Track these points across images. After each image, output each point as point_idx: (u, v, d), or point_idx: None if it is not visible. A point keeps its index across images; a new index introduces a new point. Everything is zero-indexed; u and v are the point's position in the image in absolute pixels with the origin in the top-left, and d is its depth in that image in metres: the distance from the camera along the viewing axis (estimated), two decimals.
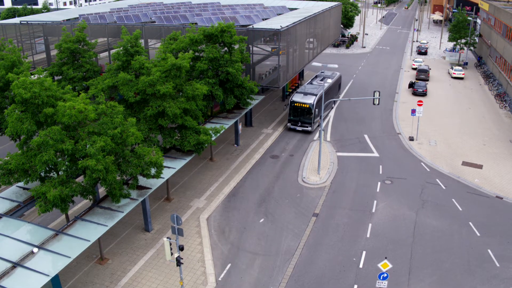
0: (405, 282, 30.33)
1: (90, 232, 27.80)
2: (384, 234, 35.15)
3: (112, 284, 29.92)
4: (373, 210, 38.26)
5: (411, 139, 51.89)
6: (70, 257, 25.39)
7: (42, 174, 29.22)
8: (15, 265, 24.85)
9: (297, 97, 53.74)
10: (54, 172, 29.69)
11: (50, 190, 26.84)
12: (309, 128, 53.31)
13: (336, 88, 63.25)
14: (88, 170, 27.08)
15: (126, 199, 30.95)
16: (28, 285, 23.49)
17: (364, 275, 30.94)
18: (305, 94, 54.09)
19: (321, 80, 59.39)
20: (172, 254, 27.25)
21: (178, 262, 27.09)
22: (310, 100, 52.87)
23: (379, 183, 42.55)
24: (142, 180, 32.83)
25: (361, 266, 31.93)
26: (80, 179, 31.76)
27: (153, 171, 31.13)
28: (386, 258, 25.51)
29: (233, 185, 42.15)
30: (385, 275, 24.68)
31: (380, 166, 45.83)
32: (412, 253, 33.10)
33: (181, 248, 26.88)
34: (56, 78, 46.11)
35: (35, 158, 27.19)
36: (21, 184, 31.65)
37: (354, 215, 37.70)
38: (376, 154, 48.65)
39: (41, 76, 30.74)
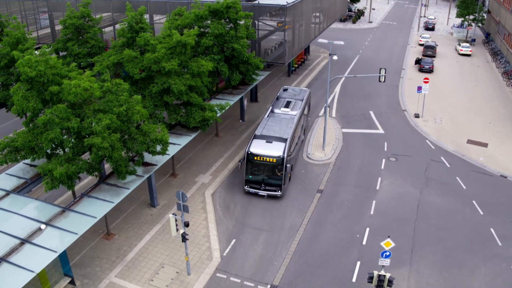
0: (408, 259, 30.65)
1: (96, 208, 28.13)
2: (388, 212, 35.39)
3: (118, 259, 30.40)
4: (377, 187, 38.45)
5: (417, 116, 51.78)
6: (77, 234, 25.73)
7: (49, 151, 29.44)
8: (23, 241, 25.22)
9: (257, 146, 36.69)
10: (60, 150, 29.92)
11: (56, 167, 27.09)
12: (279, 193, 36.40)
13: (306, 113, 47.58)
14: (94, 147, 27.28)
15: (132, 176, 31.20)
16: (37, 261, 23.83)
17: (368, 252, 31.27)
18: (269, 139, 37.36)
19: (287, 106, 43.40)
20: (177, 230, 27.59)
21: (184, 238, 27.44)
22: (278, 150, 35.99)
23: (383, 160, 42.65)
24: (147, 157, 33.03)
25: (364, 243, 32.25)
26: (86, 156, 31.99)
27: (158, 148, 31.29)
28: (389, 236, 25.74)
29: (238, 160, 42.39)
30: (388, 253, 24.93)
31: (385, 143, 45.86)
32: (416, 230, 33.36)
33: (186, 225, 27.19)
34: (61, 54, 46.06)
35: (41, 136, 27.39)
36: (27, 161, 31.94)
37: (359, 192, 37.91)
38: (381, 131, 48.64)
39: (46, 50, 30.67)
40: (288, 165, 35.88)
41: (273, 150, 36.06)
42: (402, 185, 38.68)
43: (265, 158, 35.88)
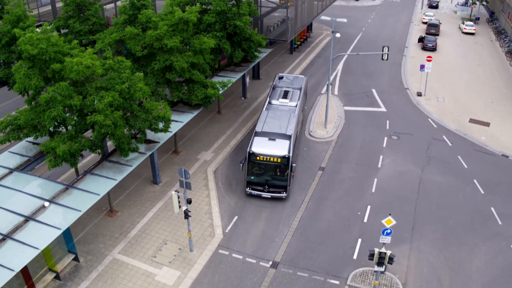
0: (409, 237, 30.90)
1: (99, 186, 28.29)
2: (389, 190, 35.55)
3: (121, 236, 30.68)
4: (379, 165, 38.56)
5: (419, 94, 51.64)
6: (80, 211, 25.94)
7: (51, 129, 29.46)
8: (27, 218, 25.42)
9: (259, 145, 33.89)
10: (63, 127, 29.95)
11: (59, 145, 27.16)
12: (284, 194, 34.02)
13: (304, 103, 44.69)
14: (96, 125, 27.32)
15: (134, 153, 31.30)
16: (41, 238, 24.04)
17: (369, 230, 31.52)
18: (271, 136, 34.62)
19: (285, 96, 40.37)
20: (180, 207, 27.78)
21: (186, 215, 27.64)
22: (283, 149, 33.37)
23: (385, 138, 42.69)
24: (150, 134, 33.10)
25: (365, 220, 32.48)
26: (88, 133, 32.07)
27: (161, 125, 31.31)
28: (390, 214, 25.87)
29: (240, 138, 42.47)
30: (389, 231, 25.10)
31: (387, 121, 45.84)
32: (416, 209, 33.57)
33: (189, 202, 27.37)
34: (62, 31, 45.78)
35: (44, 113, 27.36)
36: (30, 139, 31.94)
37: (360, 170, 38.04)
38: (383, 109, 48.58)
39: (48, 28, 30.51)
40: (294, 164, 33.61)
41: (277, 149, 33.38)
42: (404, 163, 38.78)
43: (268, 157, 33.12)
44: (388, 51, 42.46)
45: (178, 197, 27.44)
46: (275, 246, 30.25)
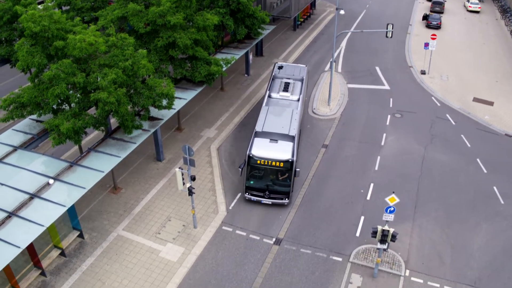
0: (411, 215, 31.06)
1: (103, 163, 28.37)
2: (392, 168, 35.62)
3: (125, 213, 30.89)
4: (382, 143, 38.57)
5: (423, 73, 51.36)
6: (85, 188, 26.05)
7: (55, 107, 29.36)
8: (32, 196, 25.54)
9: (260, 147, 30.99)
10: (67, 105, 29.92)
11: (63, 122, 27.13)
12: (286, 201, 31.44)
13: (305, 96, 41.90)
14: (100, 102, 27.27)
15: (138, 130, 31.32)
16: (46, 215, 24.21)
17: (371, 207, 31.68)
18: (273, 136, 31.89)
19: (286, 89, 37.59)
20: (184, 184, 27.89)
21: (190, 192, 27.78)
22: (286, 152, 30.63)
23: (389, 116, 42.60)
24: (153, 111, 33.04)
25: (368, 198, 32.62)
26: (92, 111, 32.03)
27: (164, 102, 31.25)
28: (393, 192, 25.97)
29: (243, 115, 42.44)
30: (392, 209, 25.20)
31: (391, 99, 45.69)
32: (419, 187, 33.66)
33: (193, 179, 27.46)
34: (63, 8, 45.37)
35: (47, 91, 27.25)
36: (34, 116, 31.86)
37: (363, 148, 38.07)
38: (387, 87, 48.37)
39: (50, 4, 30.27)
40: (298, 169, 30.71)
41: (279, 152, 30.57)
42: (407, 142, 38.77)
43: (270, 161, 30.25)
44: (392, 28, 42.10)
45: (182, 174, 27.53)
46: (279, 223, 30.44)
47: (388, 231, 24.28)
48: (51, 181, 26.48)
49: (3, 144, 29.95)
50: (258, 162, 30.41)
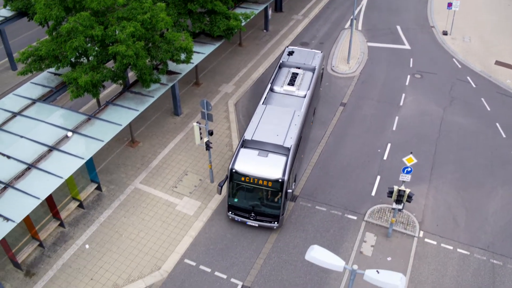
0: (427, 177, 30.97)
1: (121, 116, 28.48)
2: (410, 128, 35.33)
3: (143, 166, 31.19)
4: (401, 103, 38.15)
5: (445, 33, 50.18)
6: (103, 141, 26.27)
7: (73, 60, 29.30)
8: (51, 148, 25.81)
9: (246, 161, 25.80)
10: (85, 58, 29.83)
11: (81, 75, 27.09)
12: (275, 224, 26.42)
13: (318, 91, 36.60)
14: (118, 55, 27.11)
15: (156, 84, 31.24)
16: (64, 167, 24.49)
17: (388, 167, 31.62)
18: (263, 147, 26.64)
19: (291, 82, 32.01)
20: (201, 138, 27.98)
21: (208, 146, 27.88)
22: (277, 169, 25.28)
23: (408, 76, 41.97)
24: (171, 65, 32.85)
25: (385, 158, 32.52)
26: (110, 64, 31.93)
27: (182, 56, 30.99)
28: (411, 153, 25.83)
29: (262, 71, 42.06)
30: (409, 169, 25.13)
31: (411, 59, 44.90)
32: (437, 149, 33.43)
33: (210, 133, 27.55)
34: None
35: (65, 44, 27.11)
36: (52, 70, 31.83)
37: (382, 107, 37.72)
38: (407, 47, 47.47)
39: None
40: (289, 190, 25.41)
41: (268, 168, 25.29)
42: (426, 103, 38.29)
43: (257, 180, 25.09)
44: None
45: (200, 129, 27.58)
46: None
47: (404, 191, 24.28)
48: (69, 133, 26.68)
49: (22, 97, 30.09)
50: (242, 179, 25.39)
